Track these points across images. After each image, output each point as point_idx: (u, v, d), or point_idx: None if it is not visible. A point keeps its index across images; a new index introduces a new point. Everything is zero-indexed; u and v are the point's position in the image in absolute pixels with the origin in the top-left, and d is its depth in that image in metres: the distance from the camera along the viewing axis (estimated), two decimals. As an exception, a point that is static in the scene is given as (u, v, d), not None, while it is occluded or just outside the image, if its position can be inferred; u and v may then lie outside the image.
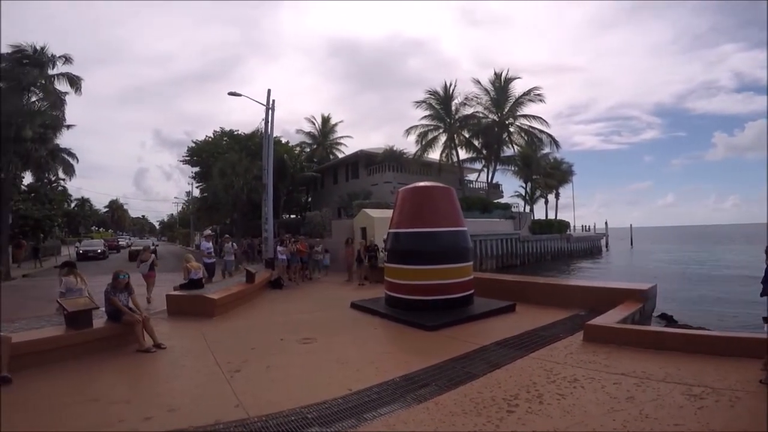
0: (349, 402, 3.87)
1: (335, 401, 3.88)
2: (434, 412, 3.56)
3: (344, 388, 4.18)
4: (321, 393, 4.05)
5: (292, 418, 3.55)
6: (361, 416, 3.56)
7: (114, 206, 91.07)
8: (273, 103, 18.06)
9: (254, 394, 4.11)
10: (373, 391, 4.11)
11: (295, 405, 3.78)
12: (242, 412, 3.69)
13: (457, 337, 6.26)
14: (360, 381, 4.40)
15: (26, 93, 21.51)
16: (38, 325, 6.15)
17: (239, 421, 3.51)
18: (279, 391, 4.23)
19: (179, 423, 3.48)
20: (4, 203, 20.47)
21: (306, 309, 9.31)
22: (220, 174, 23.87)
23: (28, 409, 3.85)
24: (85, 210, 63.79)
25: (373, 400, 3.90)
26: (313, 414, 3.62)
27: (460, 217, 8.60)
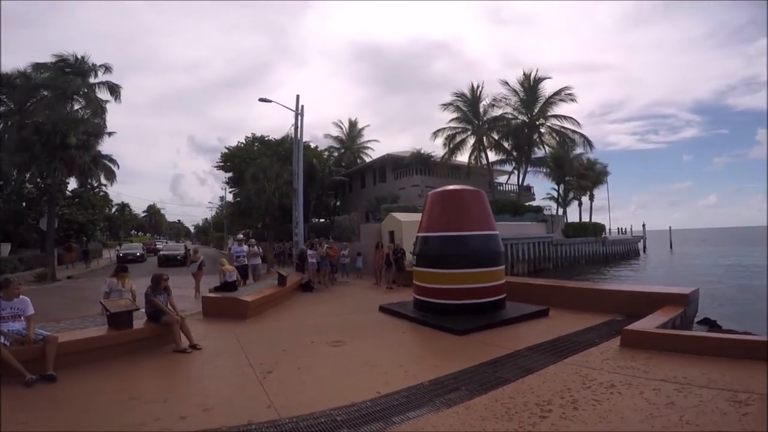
0: (378, 405, 3.87)
1: (364, 404, 3.89)
2: (464, 417, 3.52)
3: (373, 391, 4.19)
4: (350, 395, 4.08)
5: (322, 419, 3.59)
6: (389, 419, 3.56)
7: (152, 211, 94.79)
8: (302, 109, 18.41)
9: (285, 396, 4.18)
10: (402, 395, 4.10)
11: (324, 407, 3.82)
12: (274, 413, 3.75)
13: (488, 342, 6.16)
14: (388, 384, 4.40)
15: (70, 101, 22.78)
16: (82, 325, 6.44)
17: (271, 422, 3.57)
18: (309, 393, 4.29)
19: (213, 423, 3.56)
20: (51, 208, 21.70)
21: (335, 312, 9.41)
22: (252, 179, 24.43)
23: (72, 407, 4.02)
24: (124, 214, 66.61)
25: (401, 404, 3.89)
26: (342, 416, 3.64)
27: (491, 220, 8.49)
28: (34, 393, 4.34)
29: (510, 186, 34.36)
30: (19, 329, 4.87)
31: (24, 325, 4.93)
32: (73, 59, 23.14)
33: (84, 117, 21.84)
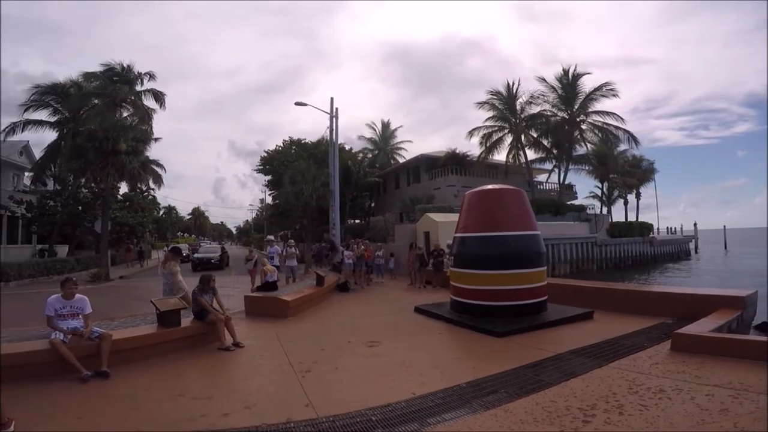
0: (413, 406, 3.86)
1: (399, 404, 3.89)
2: (503, 420, 3.44)
3: (408, 392, 4.18)
4: (385, 396, 4.09)
5: (358, 419, 3.61)
6: (425, 420, 3.53)
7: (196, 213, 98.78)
8: (336, 111, 18.63)
9: (323, 395, 4.24)
10: (438, 396, 4.07)
11: (360, 407, 3.85)
12: (312, 412, 3.81)
13: (529, 345, 6.02)
14: (424, 385, 4.38)
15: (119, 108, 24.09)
16: (134, 323, 6.77)
17: (308, 421, 3.63)
18: (346, 393, 4.33)
19: (254, 420, 3.66)
20: (105, 211, 23.04)
21: (371, 312, 9.45)
22: (290, 181, 25.02)
23: (123, 403, 4.20)
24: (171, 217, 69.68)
25: (437, 405, 3.85)
26: (378, 416, 3.66)
27: (532, 220, 8.29)
28: (89, 389, 4.56)
29: (550, 185, 33.37)
30: (77, 327, 5.14)
31: (82, 322, 5.20)
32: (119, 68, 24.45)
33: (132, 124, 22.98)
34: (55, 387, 4.49)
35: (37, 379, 4.60)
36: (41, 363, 4.82)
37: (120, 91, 23.53)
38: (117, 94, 23.45)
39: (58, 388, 4.47)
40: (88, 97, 23.87)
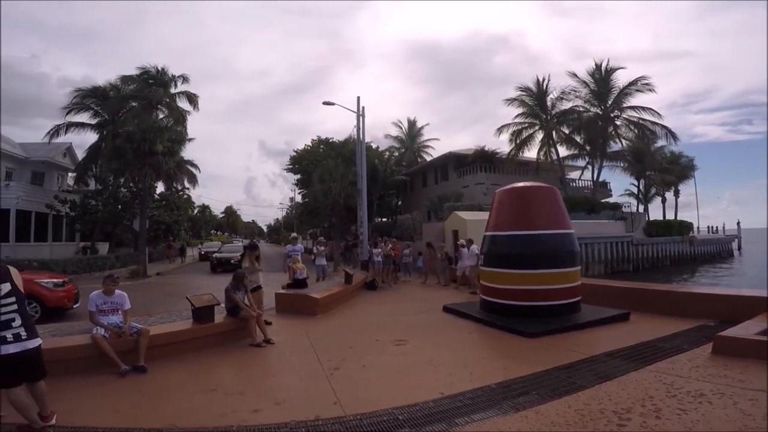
0: (441, 406, 3.82)
1: (426, 404, 3.85)
2: (533, 422, 3.36)
3: (436, 392, 4.14)
4: (412, 395, 4.06)
5: (384, 418, 3.60)
6: (453, 420, 3.49)
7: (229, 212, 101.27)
8: (363, 110, 18.69)
9: (351, 393, 4.26)
10: (466, 396, 4.01)
11: (387, 405, 3.83)
12: (339, 410, 3.83)
13: (562, 346, 5.86)
14: (452, 385, 4.32)
15: (155, 110, 24.97)
16: (170, 319, 7.00)
17: (336, 419, 3.64)
18: (373, 391, 4.33)
19: (283, 417, 3.69)
20: (143, 210, 23.95)
21: (399, 311, 9.44)
22: (319, 180, 25.33)
23: (159, 397, 4.33)
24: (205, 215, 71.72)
25: (465, 405, 3.80)
26: (404, 415, 3.63)
27: (565, 218, 8.08)
28: (127, 383, 4.71)
29: (584, 182, 32.42)
30: (116, 322, 5.33)
31: (121, 318, 5.39)
32: (154, 71, 25.35)
33: (168, 125, 23.79)
34: (94, 381, 4.66)
35: (79, 372, 4.76)
36: (83, 357, 4.99)
37: (155, 93, 24.39)
38: (153, 97, 24.32)
39: (97, 382, 4.64)
40: (125, 100, 24.86)
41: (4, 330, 3.17)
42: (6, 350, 3.14)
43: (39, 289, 9.14)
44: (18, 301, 3.29)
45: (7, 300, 3.22)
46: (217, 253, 24.91)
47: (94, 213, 24.14)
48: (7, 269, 3.37)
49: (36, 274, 10.05)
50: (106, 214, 24.23)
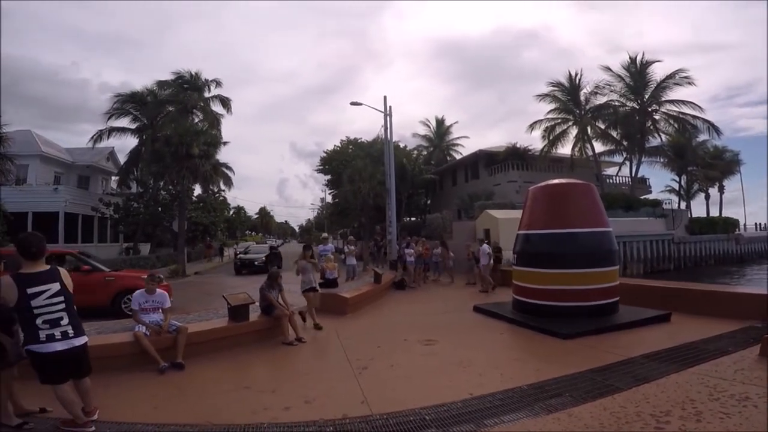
0: (469, 406, 3.77)
1: (454, 404, 3.82)
2: (566, 423, 3.26)
3: (464, 392, 4.10)
4: (440, 395, 4.03)
5: (411, 418, 3.59)
6: (481, 422, 3.44)
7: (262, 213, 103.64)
8: (390, 109, 18.70)
9: (378, 392, 4.27)
10: (496, 398, 3.95)
11: (414, 405, 3.82)
12: (366, 409, 3.85)
13: (597, 347, 5.69)
14: (482, 386, 4.27)
15: (190, 115, 25.82)
16: (207, 317, 7.21)
17: (363, 418, 3.67)
18: (401, 391, 4.33)
19: (312, 415, 3.75)
20: (182, 212, 24.84)
21: (428, 310, 9.40)
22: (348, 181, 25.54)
23: (195, 394, 4.45)
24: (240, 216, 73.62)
25: (495, 407, 3.74)
26: (432, 416, 3.61)
27: (602, 216, 7.84)
28: (165, 379, 4.87)
29: (621, 178, 31.27)
30: (157, 320, 5.53)
31: (162, 316, 5.59)
32: (188, 76, 26.22)
33: (203, 129, 24.57)
34: (135, 377, 4.83)
35: (121, 369, 4.93)
36: (126, 354, 5.18)
37: (190, 98, 25.23)
38: (188, 101, 25.17)
39: (137, 379, 4.80)
40: (162, 105, 25.84)
41: (53, 328, 3.31)
42: (54, 348, 3.29)
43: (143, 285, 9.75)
44: (66, 301, 3.42)
45: (56, 299, 3.36)
46: (242, 254, 24.28)
47: (136, 215, 25.23)
48: (57, 270, 3.51)
49: (139, 272, 11.02)
50: (148, 216, 25.27)
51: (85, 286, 7.96)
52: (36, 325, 3.26)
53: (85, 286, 7.96)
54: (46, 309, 3.29)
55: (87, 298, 5.45)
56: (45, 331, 3.27)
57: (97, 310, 9.39)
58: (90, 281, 9.04)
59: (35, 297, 3.26)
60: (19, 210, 20.76)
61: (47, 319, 3.29)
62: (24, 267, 3.38)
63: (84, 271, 9.73)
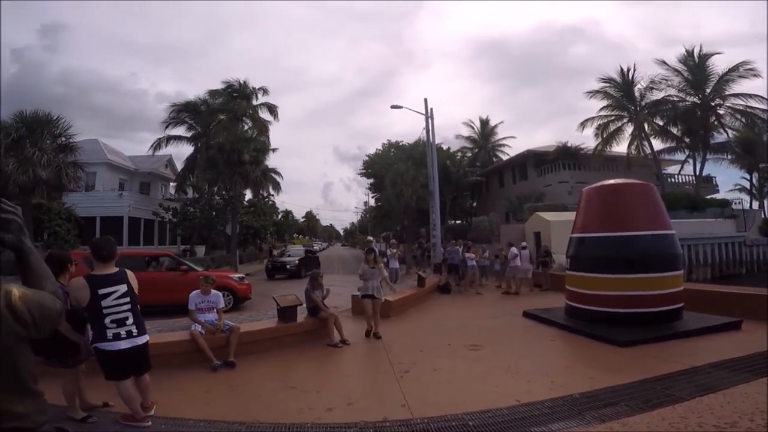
0: (516, 413, 3.64)
1: (500, 411, 3.70)
2: (619, 434, 3.07)
3: (511, 399, 3.96)
4: (485, 401, 3.92)
5: (453, 423, 3.52)
6: (528, 429, 3.32)
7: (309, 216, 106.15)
8: (431, 111, 18.56)
9: (420, 396, 4.22)
10: (545, 405, 3.78)
11: (457, 410, 3.74)
12: (407, 412, 3.81)
13: (658, 356, 5.34)
14: (530, 393, 4.11)
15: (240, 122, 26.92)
16: (257, 317, 7.46)
17: (404, 421, 3.63)
18: (443, 395, 4.26)
19: (354, 417, 3.76)
20: (234, 216, 25.94)
21: (475, 315, 9.20)
22: (391, 184, 25.59)
23: (245, 392, 4.58)
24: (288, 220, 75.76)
25: (543, 414, 3.58)
26: (475, 421, 3.51)
27: (664, 218, 7.41)
28: (218, 377, 5.04)
29: (684, 177, 29.25)
30: (212, 320, 5.73)
31: (216, 316, 5.79)
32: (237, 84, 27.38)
33: (252, 136, 25.58)
34: (189, 374, 5.01)
35: (177, 366, 5.13)
36: (182, 352, 5.39)
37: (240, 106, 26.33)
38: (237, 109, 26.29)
39: (191, 376, 4.99)
40: (214, 113, 27.11)
41: (120, 327, 3.50)
42: (119, 346, 3.48)
43: (232, 283, 10.91)
44: (131, 301, 3.60)
45: (123, 300, 3.54)
46: (281, 258, 22.55)
47: (193, 219, 26.58)
48: (125, 272, 3.68)
49: (226, 272, 12.21)
50: (203, 220, 26.55)
51: (184, 283, 8.56)
52: (104, 324, 3.45)
53: (184, 283, 8.56)
54: (115, 309, 3.48)
55: (186, 296, 5.82)
56: (112, 330, 3.46)
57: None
58: (188, 279, 9.64)
59: (105, 297, 3.45)
60: (89, 215, 22.51)
61: (115, 318, 3.48)
62: (96, 269, 3.58)
63: (182, 271, 10.57)
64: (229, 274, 11.61)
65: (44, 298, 1.21)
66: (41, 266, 1.30)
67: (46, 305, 1.20)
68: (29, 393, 1.18)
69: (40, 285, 1.25)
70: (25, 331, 1.13)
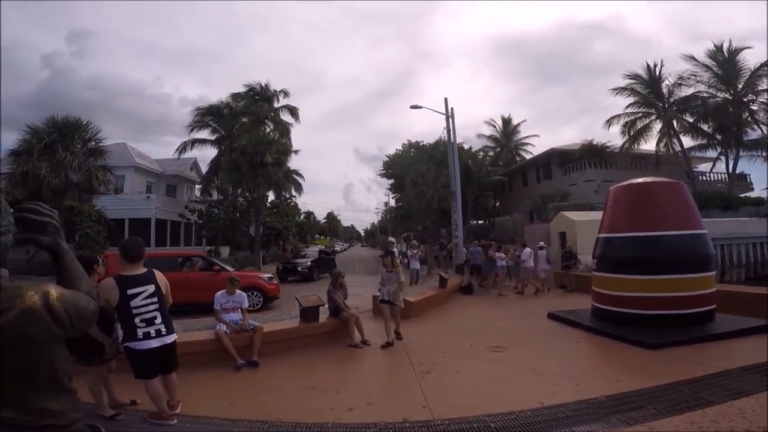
0: (539, 416, 3.58)
1: (522, 413, 3.64)
2: (645, 437, 2.98)
3: (535, 401, 3.90)
4: (508, 403, 3.87)
5: (475, 425, 3.48)
6: None
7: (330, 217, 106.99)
8: (452, 111, 18.43)
9: (441, 397, 4.19)
10: (569, 408, 3.71)
11: (479, 412, 3.70)
12: (428, 414, 3.80)
13: (689, 359, 5.19)
14: (554, 396, 4.03)
15: (262, 125, 27.31)
16: (280, 317, 7.53)
17: (424, 422, 3.62)
18: (465, 397, 4.22)
19: (374, 417, 3.77)
20: (257, 217, 26.37)
21: (498, 316, 9.09)
22: (412, 184, 25.51)
23: (268, 391, 4.64)
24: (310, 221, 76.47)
25: (567, 417, 3.52)
26: (497, 424, 3.47)
27: (695, 217, 7.19)
28: (241, 376, 5.11)
29: (716, 175, 28.18)
30: (236, 319, 5.84)
31: (240, 316, 5.89)
32: (258, 87, 27.82)
33: (274, 138, 25.96)
34: (214, 373, 5.10)
35: (202, 365, 5.21)
36: (207, 351, 5.49)
37: (261, 109, 26.75)
38: (259, 112, 26.72)
39: (216, 374, 5.07)
40: (237, 116, 27.62)
41: (149, 326, 3.59)
42: (149, 345, 3.57)
43: (262, 283, 11.23)
44: (159, 301, 3.68)
45: (151, 300, 3.63)
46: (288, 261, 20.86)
47: (217, 221, 27.12)
48: (153, 273, 3.77)
49: (255, 272, 12.61)
50: (227, 221, 27.05)
51: (217, 283, 8.81)
52: (134, 324, 3.54)
53: (217, 283, 8.81)
54: (143, 309, 3.57)
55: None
56: (142, 329, 3.55)
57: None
58: (220, 279, 9.91)
59: (134, 297, 3.55)
60: (118, 217, 23.22)
61: (144, 318, 3.57)
62: (124, 269, 3.68)
63: (214, 271, 10.88)
64: (258, 274, 11.93)
65: (80, 298, 1.24)
66: (76, 267, 1.33)
67: (82, 305, 1.23)
68: (64, 391, 1.20)
69: (76, 285, 1.28)
70: (62, 331, 1.16)
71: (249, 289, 10.25)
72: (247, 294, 6.96)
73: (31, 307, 1.10)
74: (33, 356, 1.12)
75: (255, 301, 10.80)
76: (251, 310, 8.56)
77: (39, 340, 1.11)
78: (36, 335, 1.11)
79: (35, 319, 1.10)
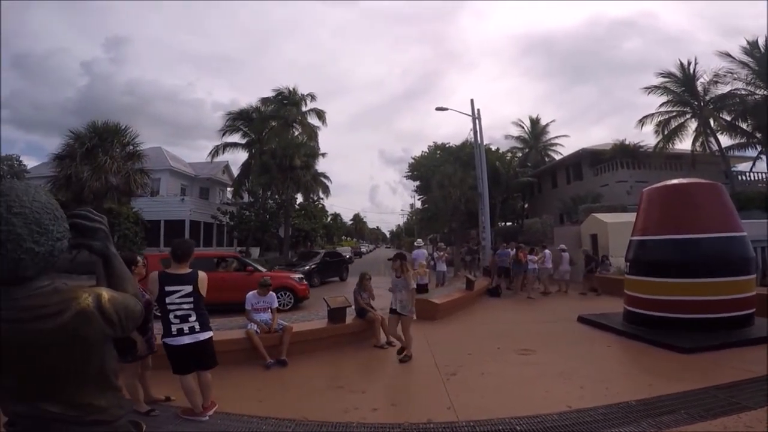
0: (566, 419, 3.55)
1: (549, 416, 3.62)
2: (677, 443, 2.94)
3: (562, 404, 3.86)
4: (534, 406, 3.85)
5: (500, 427, 3.48)
6: (579, 436, 3.22)
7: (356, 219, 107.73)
8: (478, 112, 18.29)
9: (466, 399, 4.20)
10: (599, 412, 3.67)
11: (505, 415, 3.70)
12: (452, 415, 3.81)
13: (724, 363, 5.05)
14: (583, 399, 3.99)
15: (291, 128, 27.80)
16: (309, 318, 7.68)
17: (448, 423, 3.63)
18: (490, 399, 4.22)
19: (398, 418, 3.81)
20: (287, 219, 26.86)
21: (525, 319, 8.99)
22: (438, 186, 25.42)
23: (296, 390, 4.74)
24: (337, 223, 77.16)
25: (596, 421, 3.48)
26: (523, 426, 3.46)
27: (733, 219, 6.96)
28: (271, 375, 5.23)
29: (757, 175, 26.88)
30: (266, 319, 5.99)
31: (270, 316, 6.04)
32: (287, 92, 28.37)
33: (302, 141, 26.41)
34: (244, 371, 5.23)
35: (232, 363, 5.30)
36: (237, 350, 5.62)
37: (290, 112, 27.26)
38: (288, 116, 27.25)
39: (246, 373, 5.20)
40: (266, 120, 28.23)
41: (183, 323, 3.75)
42: (182, 341, 3.73)
43: (293, 284, 11.64)
44: (195, 301, 3.82)
45: (186, 299, 3.79)
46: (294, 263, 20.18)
47: (248, 222, 27.77)
48: (196, 274, 3.91)
49: (287, 273, 12.88)
50: (258, 223, 27.67)
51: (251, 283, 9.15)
52: (169, 320, 3.73)
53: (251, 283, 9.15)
54: (177, 306, 3.75)
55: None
56: (176, 326, 3.73)
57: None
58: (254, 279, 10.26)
59: (170, 294, 3.73)
60: (154, 218, 24.11)
61: (178, 314, 3.74)
62: (171, 267, 3.88)
63: (248, 271, 11.27)
64: (289, 274, 12.30)
65: (128, 300, 1.31)
66: (124, 270, 1.41)
67: (131, 307, 1.31)
68: (111, 388, 1.27)
69: (123, 287, 1.36)
70: (112, 331, 1.23)
71: (280, 289, 10.68)
72: (278, 294, 7.14)
73: (85, 309, 1.16)
74: (85, 355, 1.18)
75: (286, 301, 11.10)
76: (282, 310, 8.75)
77: (91, 341, 1.18)
78: (89, 336, 1.17)
79: (89, 321, 1.16)
